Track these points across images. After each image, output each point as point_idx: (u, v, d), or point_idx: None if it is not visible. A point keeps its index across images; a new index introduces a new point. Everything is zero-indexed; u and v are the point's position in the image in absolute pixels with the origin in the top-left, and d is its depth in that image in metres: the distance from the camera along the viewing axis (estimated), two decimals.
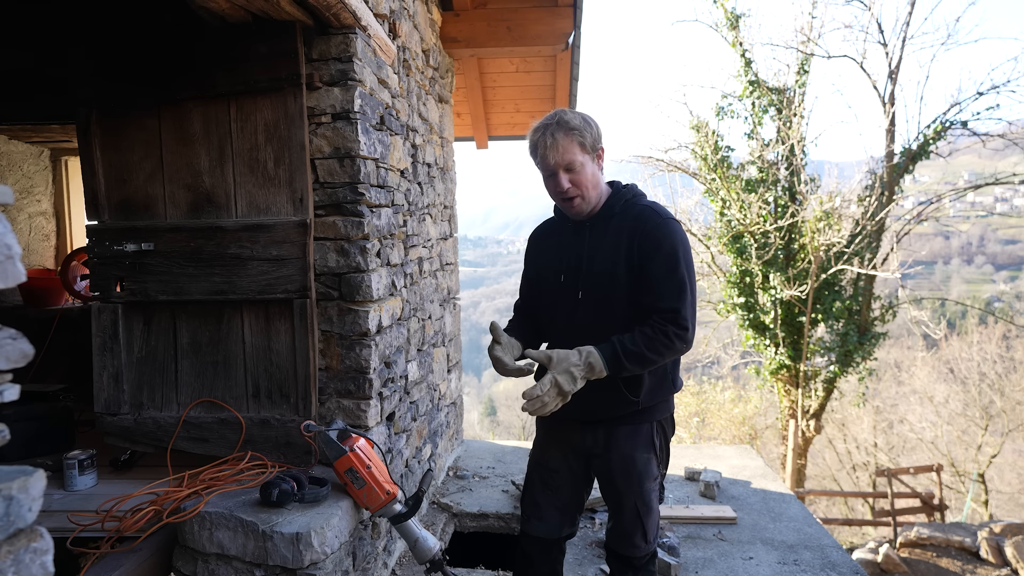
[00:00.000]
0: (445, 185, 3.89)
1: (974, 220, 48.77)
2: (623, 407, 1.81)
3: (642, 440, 1.87)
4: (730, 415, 13.16)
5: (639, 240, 1.74)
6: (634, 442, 1.86)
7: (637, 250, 1.74)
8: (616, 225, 1.79)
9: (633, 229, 1.76)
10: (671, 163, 11.55)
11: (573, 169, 1.73)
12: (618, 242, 1.76)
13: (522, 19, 3.90)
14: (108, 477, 2.34)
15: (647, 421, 1.87)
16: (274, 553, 1.83)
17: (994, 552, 6.22)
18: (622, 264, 1.75)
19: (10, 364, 0.73)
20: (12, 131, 4.03)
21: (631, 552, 1.92)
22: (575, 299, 1.81)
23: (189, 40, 2.27)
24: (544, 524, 1.98)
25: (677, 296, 1.70)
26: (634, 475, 1.87)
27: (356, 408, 2.35)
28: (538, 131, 1.75)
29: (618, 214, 1.80)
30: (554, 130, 1.72)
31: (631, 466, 1.86)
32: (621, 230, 1.77)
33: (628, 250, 1.75)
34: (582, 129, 1.72)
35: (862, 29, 10.94)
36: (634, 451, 1.86)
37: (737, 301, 10.51)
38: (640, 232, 1.75)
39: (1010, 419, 14.27)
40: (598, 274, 1.78)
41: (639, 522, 1.90)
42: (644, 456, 1.87)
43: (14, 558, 0.72)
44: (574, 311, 1.81)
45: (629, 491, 1.87)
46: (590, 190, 1.76)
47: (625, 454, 1.86)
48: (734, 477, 4.21)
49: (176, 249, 2.32)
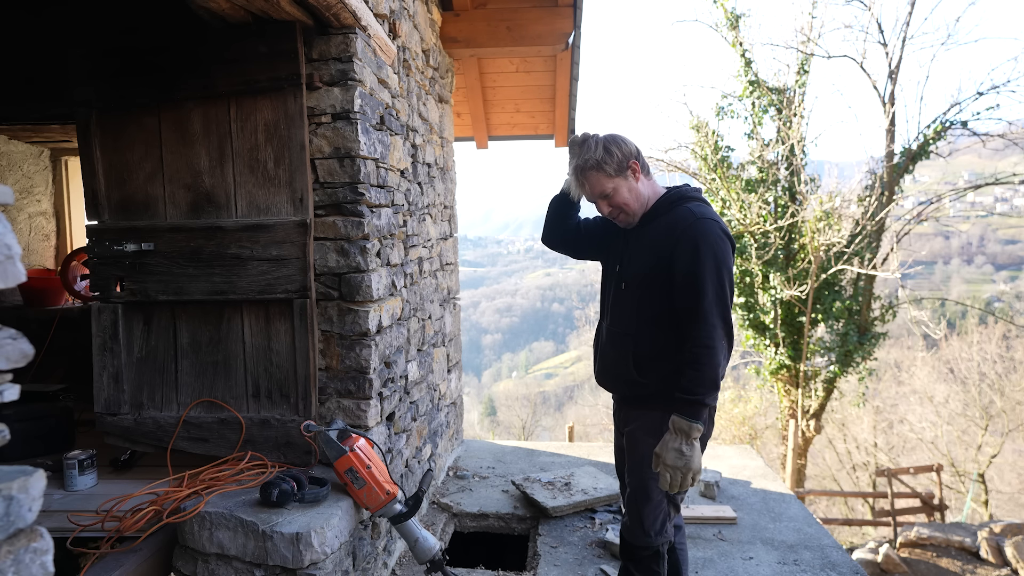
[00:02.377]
0: (445, 185, 3.89)
1: (974, 220, 48.75)
2: (634, 387, 1.96)
3: (653, 426, 1.91)
4: (730, 415, 13.15)
5: (672, 247, 1.85)
6: (644, 425, 1.95)
7: (671, 255, 1.85)
8: (658, 228, 1.92)
9: (671, 234, 1.87)
10: (671, 163, 11.55)
11: (607, 196, 1.92)
12: (655, 243, 1.90)
13: (522, 19, 3.90)
14: (108, 477, 2.34)
15: (658, 408, 1.90)
16: (274, 553, 1.83)
17: (994, 552, 6.22)
18: (655, 266, 1.88)
19: (10, 364, 0.73)
20: (12, 131, 4.03)
21: (628, 538, 2.00)
22: (620, 288, 1.99)
23: (189, 40, 2.27)
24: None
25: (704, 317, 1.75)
26: (635, 458, 1.97)
27: (356, 408, 2.35)
28: (571, 173, 1.99)
29: (664, 216, 1.93)
30: (579, 171, 1.94)
31: (635, 448, 1.98)
32: (660, 233, 1.90)
33: (663, 252, 1.86)
34: (602, 161, 1.89)
35: (862, 29, 10.95)
36: (642, 433, 1.96)
37: (737, 301, 10.50)
38: (673, 240, 1.85)
39: (1010, 419, 14.27)
40: (634, 273, 1.94)
41: (635, 508, 1.97)
42: (650, 441, 1.89)
43: (14, 558, 0.72)
44: (618, 296, 2.00)
45: (632, 472, 2.00)
46: (631, 205, 1.93)
47: (634, 435, 1.99)
48: (734, 477, 4.21)
49: (176, 249, 2.32)
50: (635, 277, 1.93)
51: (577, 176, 1.96)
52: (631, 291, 1.95)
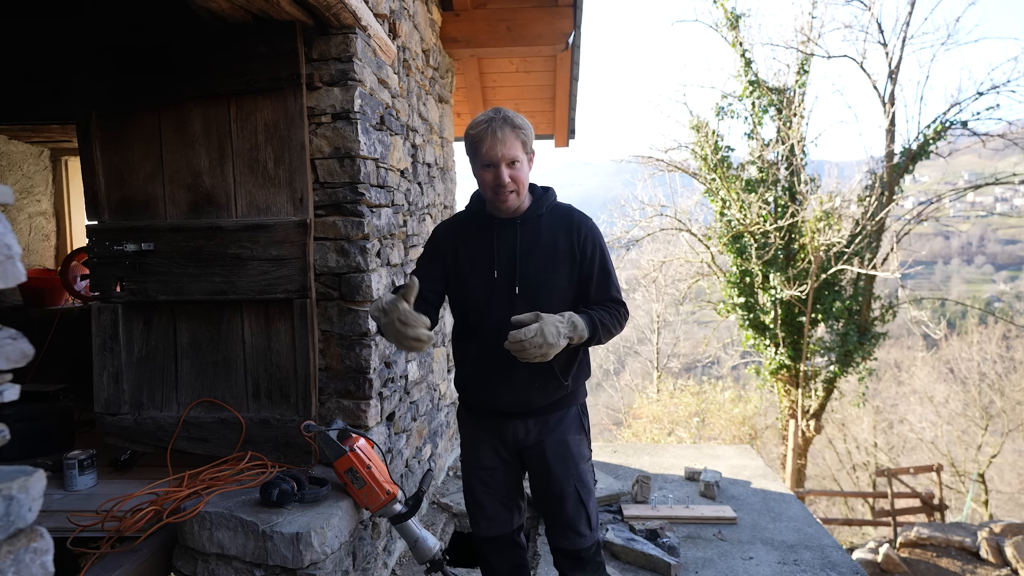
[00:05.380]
0: (445, 185, 3.89)
1: (974, 220, 48.77)
2: (555, 392, 1.88)
3: (572, 423, 1.94)
4: (730, 415, 13.15)
5: (580, 241, 1.86)
6: (565, 426, 1.93)
7: (580, 250, 1.86)
8: (549, 224, 1.88)
9: (569, 229, 1.87)
10: (671, 163, 11.56)
11: (514, 166, 1.78)
12: (554, 241, 1.86)
13: (522, 19, 3.90)
14: (108, 477, 2.34)
15: (574, 404, 1.95)
16: (274, 553, 1.83)
17: (994, 552, 6.22)
18: (564, 262, 1.85)
19: (10, 364, 0.73)
20: (12, 131, 4.03)
21: (578, 543, 1.94)
22: (512, 293, 1.83)
23: (190, 40, 2.27)
24: (493, 523, 2.00)
25: (619, 289, 1.93)
26: (570, 459, 1.92)
27: (356, 408, 2.35)
28: (482, 124, 1.78)
29: (547, 214, 1.89)
30: (500, 125, 1.76)
31: (566, 450, 1.92)
32: (556, 229, 1.87)
33: (569, 249, 1.86)
34: (525, 128, 1.80)
35: (862, 29, 10.95)
36: (566, 435, 1.93)
37: (737, 301, 10.51)
38: (578, 233, 1.87)
39: (1010, 419, 14.27)
40: (536, 270, 1.84)
41: (582, 507, 1.93)
42: (576, 438, 1.94)
43: (14, 558, 0.72)
44: (511, 304, 1.81)
45: (568, 476, 1.92)
46: (523, 185, 1.83)
47: (558, 439, 1.92)
48: (734, 477, 4.21)
49: (176, 249, 2.32)
50: (539, 278, 1.82)
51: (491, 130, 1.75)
52: (531, 293, 1.81)
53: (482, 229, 1.90)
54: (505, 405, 1.88)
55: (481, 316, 1.88)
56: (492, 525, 2.00)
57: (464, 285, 1.90)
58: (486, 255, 1.87)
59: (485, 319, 1.87)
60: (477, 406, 1.97)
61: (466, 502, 2.06)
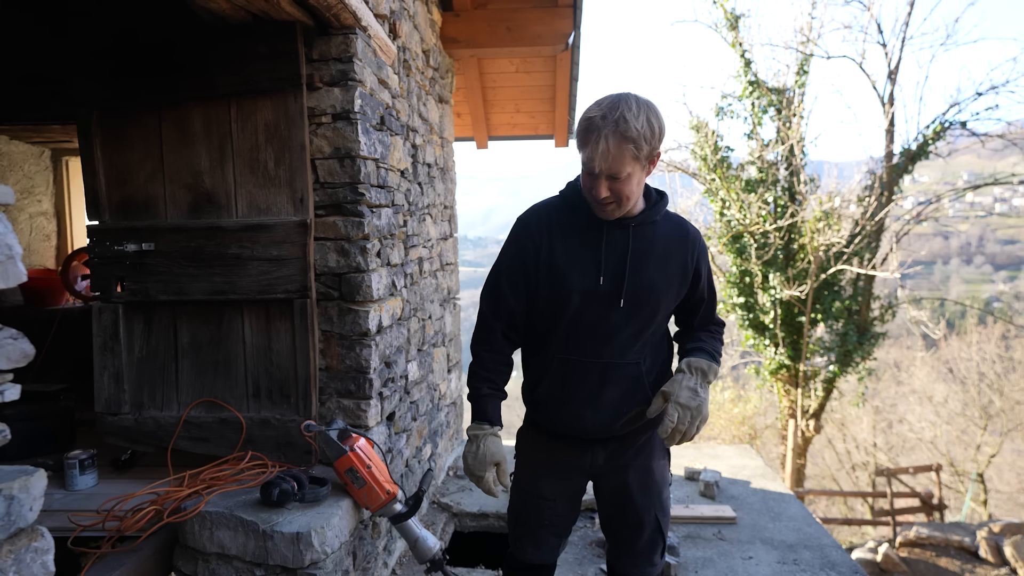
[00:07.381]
0: (445, 185, 3.89)
1: (973, 220, 48.75)
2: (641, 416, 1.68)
3: (656, 445, 1.77)
4: (730, 415, 13.17)
5: (695, 259, 1.68)
6: (650, 451, 1.75)
7: (695, 268, 1.68)
8: (664, 235, 1.65)
9: (684, 243, 1.67)
10: (671, 163, 11.55)
11: (618, 179, 1.51)
12: (668, 253, 1.64)
13: (522, 19, 3.90)
14: (109, 477, 2.34)
15: (652, 426, 1.75)
16: (274, 553, 1.84)
17: (993, 551, 6.23)
18: (675, 278, 1.65)
19: (11, 364, 0.74)
20: (13, 131, 4.03)
21: (648, 573, 1.78)
22: (614, 306, 1.60)
23: (190, 40, 2.27)
24: (541, 552, 1.85)
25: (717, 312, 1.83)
26: (653, 486, 1.75)
27: (356, 408, 2.35)
28: (593, 126, 1.48)
29: (661, 222, 1.66)
30: (609, 135, 1.46)
31: (649, 476, 1.74)
32: (670, 240, 1.65)
33: (682, 265, 1.65)
34: (639, 140, 1.46)
35: (862, 29, 10.96)
36: (651, 460, 1.75)
37: (737, 301, 10.51)
38: (693, 249, 1.68)
39: (1009, 419, 14.29)
40: (646, 283, 1.61)
41: (659, 536, 1.77)
42: (661, 463, 1.78)
43: (15, 557, 0.72)
44: (606, 319, 1.62)
45: (649, 505, 1.75)
46: (629, 199, 1.55)
47: (643, 464, 1.74)
48: (734, 477, 4.22)
49: (177, 249, 2.33)
50: (648, 293, 1.60)
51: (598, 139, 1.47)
52: (635, 308, 1.60)
53: (587, 227, 1.62)
54: (589, 429, 1.67)
55: (570, 328, 1.63)
56: (539, 553, 1.84)
57: (557, 292, 1.62)
58: (591, 259, 1.60)
59: (573, 332, 1.63)
60: (551, 429, 1.75)
61: (510, 520, 1.91)
